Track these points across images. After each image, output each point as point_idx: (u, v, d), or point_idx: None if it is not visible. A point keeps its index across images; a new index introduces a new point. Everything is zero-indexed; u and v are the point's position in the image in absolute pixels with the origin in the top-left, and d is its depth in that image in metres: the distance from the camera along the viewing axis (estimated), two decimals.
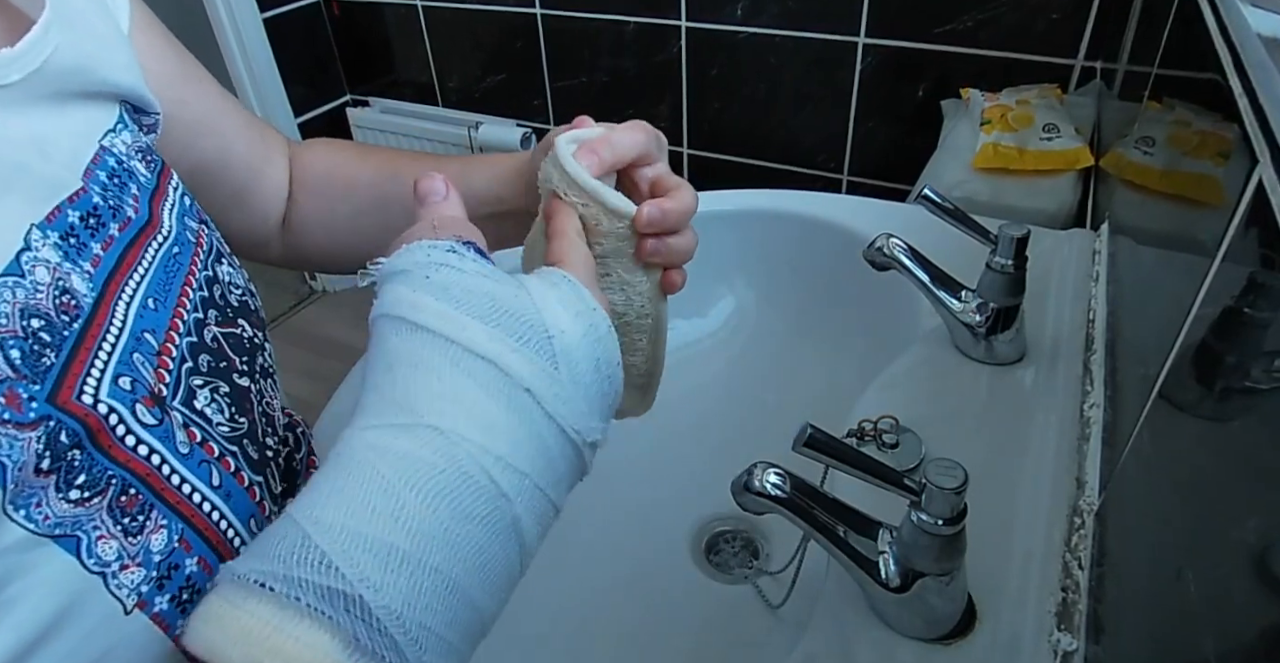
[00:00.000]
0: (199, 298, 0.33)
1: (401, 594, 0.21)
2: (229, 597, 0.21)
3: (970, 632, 0.41)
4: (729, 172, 1.50)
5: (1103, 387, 0.53)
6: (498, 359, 0.25)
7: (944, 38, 1.18)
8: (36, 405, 0.23)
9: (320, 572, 0.21)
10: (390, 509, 0.22)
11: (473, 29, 1.63)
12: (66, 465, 0.24)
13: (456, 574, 0.23)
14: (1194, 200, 0.40)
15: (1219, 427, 0.31)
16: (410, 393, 0.25)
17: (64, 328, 0.26)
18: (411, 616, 0.21)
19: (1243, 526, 0.25)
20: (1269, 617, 0.22)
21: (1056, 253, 0.68)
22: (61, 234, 0.27)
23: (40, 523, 0.23)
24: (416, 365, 0.25)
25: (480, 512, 0.24)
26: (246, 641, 0.20)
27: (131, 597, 0.25)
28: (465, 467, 0.24)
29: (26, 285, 0.25)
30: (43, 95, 0.29)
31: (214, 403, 0.31)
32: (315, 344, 1.99)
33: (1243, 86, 0.32)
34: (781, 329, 0.79)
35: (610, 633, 0.59)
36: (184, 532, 0.27)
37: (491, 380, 0.25)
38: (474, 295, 0.26)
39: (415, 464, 0.23)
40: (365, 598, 0.21)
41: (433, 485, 0.23)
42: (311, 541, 0.22)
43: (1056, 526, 0.46)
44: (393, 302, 0.27)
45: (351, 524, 0.22)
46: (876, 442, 0.52)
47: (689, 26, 1.38)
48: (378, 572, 0.21)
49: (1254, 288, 0.28)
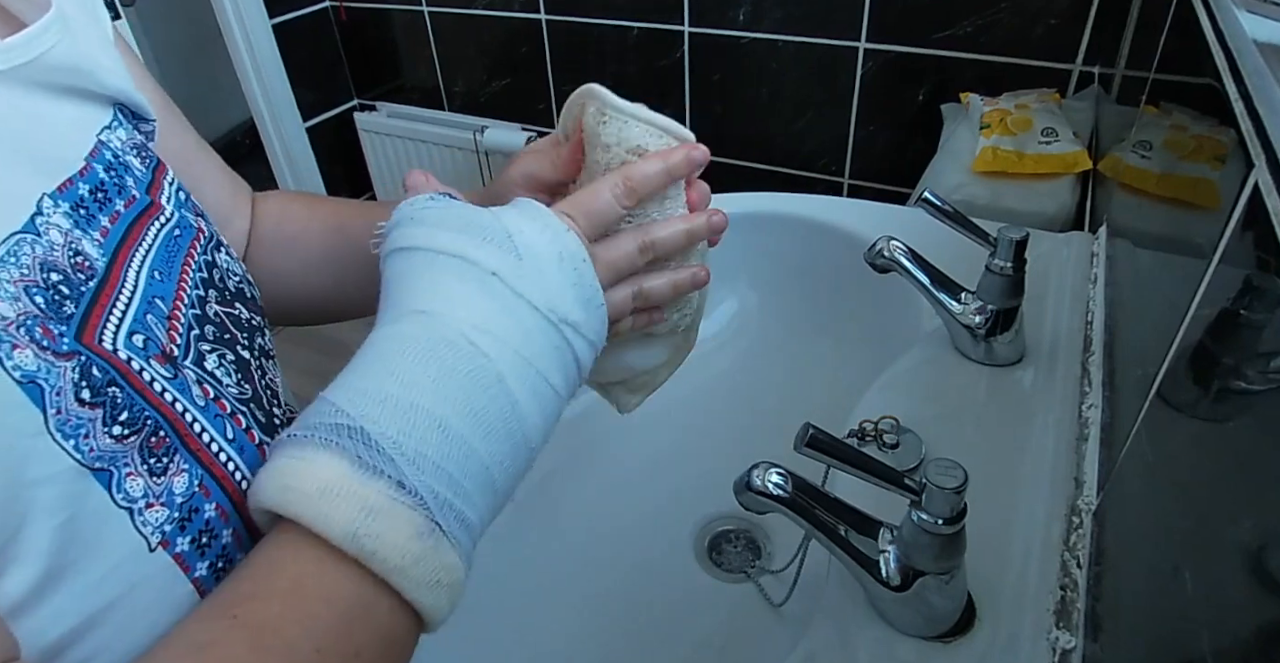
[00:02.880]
0: (199, 277, 0.34)
1: (395, 424, 0.26)
2: (271, 456, 0.26)
3: (970, 630, 0.41)
4: (731, 175, 1.50)
5: (1101, 388, 0.53)
6: (465, 254, 0.30)
7: (944, 43, 1.19)
8: (67, 342, 0.25)
9: (331, 416, 0.26)
10: (386, 369, 0.27)
11: (478, 34, 1.64)
12: (110, 401, 0.25)
13: (445, 414, 0.27)
14: (1191, 204, 0.41)
15: (1215, 427, 0.31)
16: (403, 296, 0.30)
17: (81, 285, 0.27)
18: (407, 442, 0.26)
19: (1239, 525, 0.25)
20: (1264, 614, 0.22)
21: (1055, 255, 0.69)
22: (72, 204, 0.29)
23: (87, 455, 0.24)
24: (404, 275, 0.30)
25: (463, 368, 0.28)
26: (277, 473, 0.25)
27: (156, 535, 0.26)
28: (446, 334, 0.28)
29: (43, 243, 0.26)
30: (40, 84, 0.30)
31: (222, 367, 0.32)
32: (320, 344, 1.99)
33: (1239, 91, 0.32)
34: (783, 331, 0.79)
35: (614, 630, 0.59)
36: (203, 478, 0.28)
37: (463, 271, 0.30)
38: (447, 217, 0.31)
39: (405, 339, 0.28)
40: (366, 428, 0.26)
41: (419, 349, 0.28)
42: (326, 399, 0.27)
43: (1055, 525, 0.46)
44: (388, 242, 0.32)
45: (356, 383, 0.27)
46: (877, 442, 0.52)
47: (692, 31, 1.39)
48: (374, 409, 0.26)
49: (1250, 290, 0.28)
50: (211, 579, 0.28)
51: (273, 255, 0.48)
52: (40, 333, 0.24)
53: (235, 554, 0.29)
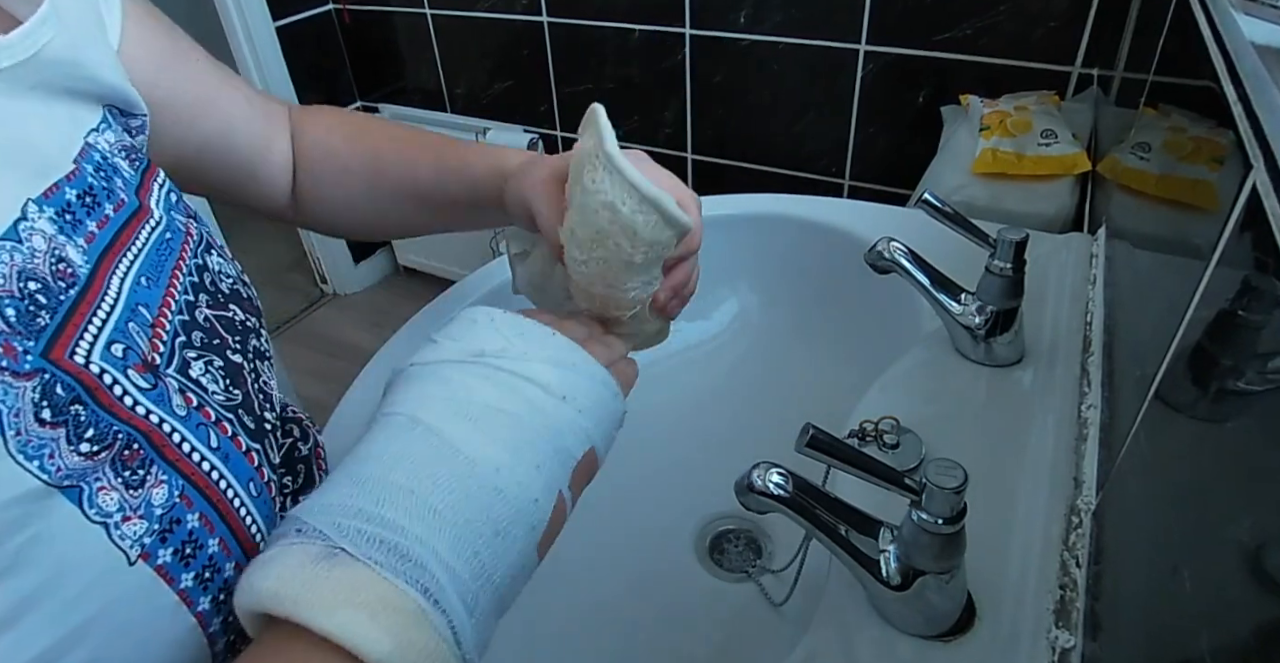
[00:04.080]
0: (189, 282, 0.33)
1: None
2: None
3: (970, 629, 0.41)
4: (732, 176, 1.51)
5: (1100, 388, 0.53)
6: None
7: (944, 45, 1.19)
8: (31, 359, 0.24)
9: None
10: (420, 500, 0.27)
11: (481, 37, 1.64)
12: (72, 419, 0.25)
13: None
14: (1189, 205, 0.41)
15: (1214, 427, 0.31)
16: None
17: (60, 293, 0.26)
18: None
19: (1237, 524, 0.25)
20: (1263, 613, 0.22)
21: (1054, 256, 0.69)
22: (57, 210, 0.28)
23: (53, 474, 0.24)
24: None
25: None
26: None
27: (135, 548, 0.26)
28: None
29: (24, 250, 0.26)
30: (32, 85, 0.30)
31: (208, 374, 0.31)
32: (326, 346, 2.00)
33: (1237, 93, 0.32)
34: (784, 331, 0.79)
35: (615, 630, 0.59)
36: (184, 488, 0.28)
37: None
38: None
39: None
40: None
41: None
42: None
43: (1054, 524, 0.46)
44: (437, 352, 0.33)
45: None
46: (878, 442, 0.53)
47: (693, 34, 1.39)
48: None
49: (1248, 291, 0.28)
50: (198, 590, 0.27)
51: (319, 187, 0.51)
52: (1, 352, 0.24)
53: (223, 564, 0.28)
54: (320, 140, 0.50)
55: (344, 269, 2.13)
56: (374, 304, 2.15)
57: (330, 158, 0.50)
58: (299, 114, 0.52)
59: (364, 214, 0.51)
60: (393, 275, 2.24)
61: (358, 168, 0.49)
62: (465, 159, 0.46)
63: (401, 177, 0.48)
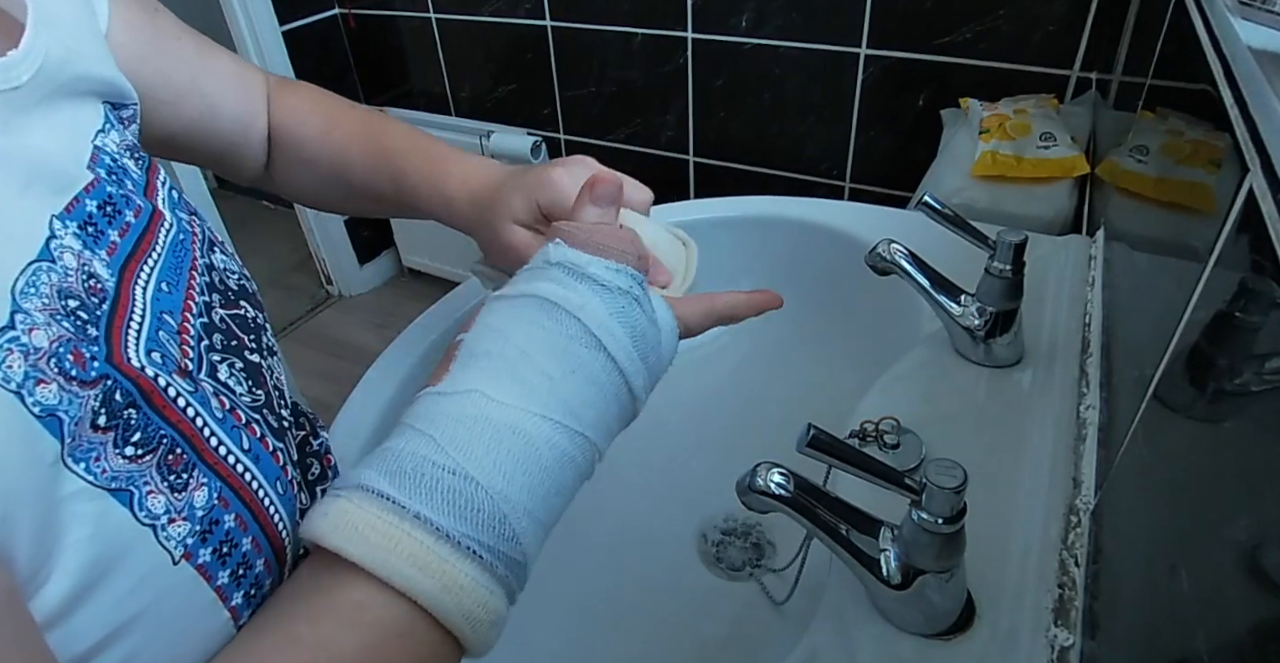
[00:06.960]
0: (203, 282, 0.34)
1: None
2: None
3: (969, 628, 0.41)
4: (733, 179, 1.51)
5: (1098, 389, 0.54)
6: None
7: (943, 49, 1.20)
8: (98, 365, 0.25)
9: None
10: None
11: (485, 41, 1.65)
12: (123, 423, 0.25)
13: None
14: (1187, 207, 0.41)
15: (1211, 428, 0.31)
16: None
17: (95, 308, 0.27)
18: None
19: (1234, 524, 0.26)
20: (1259, 612, 0.23)
21: (1053, 258, 0.69)
22: (80, 223, 0.29)
23: (99, 476, 0.24)
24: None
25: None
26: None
27: (179, 548, 0.26)
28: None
29: (59, 270, 0.26)
30: (45, 94, 0.30)
31: (233, 376, 0.32)
32: (331, 347, 2.00)
33: (1234, 97, 0.32)
34: (785, 333, 0.80)
35: (617, 628, 0.59)
36: (221, 490, 0.28)
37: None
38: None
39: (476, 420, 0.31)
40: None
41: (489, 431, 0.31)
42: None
43: (1053, 524, 0.46)
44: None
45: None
46: (878, 442, 0.53)
47: (695, 38, 1.40)
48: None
49: (1245, 293, 0.29)
50: (233, 587, 0.28)
51: (286, 172, 0.53)
52: (72, 360, 0.24)
53: (254, 561, 0.29)
54: (291, 127, 0.52)
55: (349, 270, 2.14)
56: (379, 305, 2.15)
57: (299, 146, 0.52)
58: (276, 90, 0.52)
59: (328, 200, 0.55)
60: (397, 277, 2.25)
61: (324, 162, 0.51)
62: (419, 176, 0.49)
63: (364, 182, 0.51)
